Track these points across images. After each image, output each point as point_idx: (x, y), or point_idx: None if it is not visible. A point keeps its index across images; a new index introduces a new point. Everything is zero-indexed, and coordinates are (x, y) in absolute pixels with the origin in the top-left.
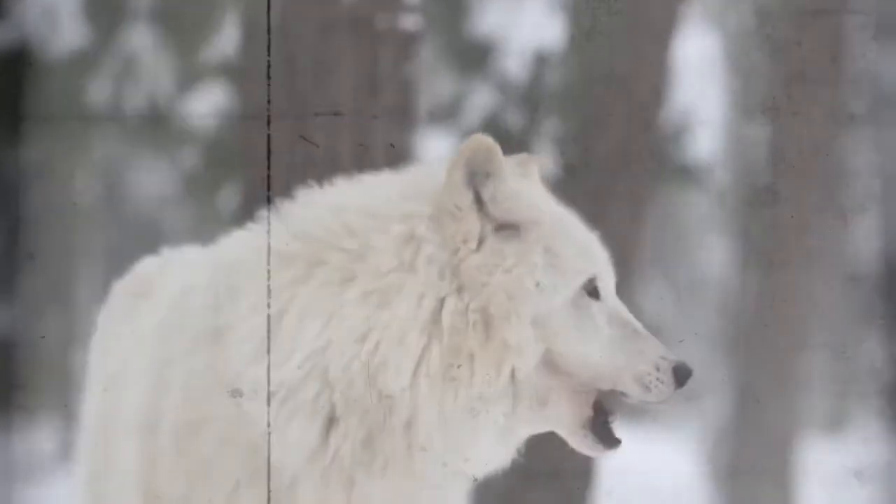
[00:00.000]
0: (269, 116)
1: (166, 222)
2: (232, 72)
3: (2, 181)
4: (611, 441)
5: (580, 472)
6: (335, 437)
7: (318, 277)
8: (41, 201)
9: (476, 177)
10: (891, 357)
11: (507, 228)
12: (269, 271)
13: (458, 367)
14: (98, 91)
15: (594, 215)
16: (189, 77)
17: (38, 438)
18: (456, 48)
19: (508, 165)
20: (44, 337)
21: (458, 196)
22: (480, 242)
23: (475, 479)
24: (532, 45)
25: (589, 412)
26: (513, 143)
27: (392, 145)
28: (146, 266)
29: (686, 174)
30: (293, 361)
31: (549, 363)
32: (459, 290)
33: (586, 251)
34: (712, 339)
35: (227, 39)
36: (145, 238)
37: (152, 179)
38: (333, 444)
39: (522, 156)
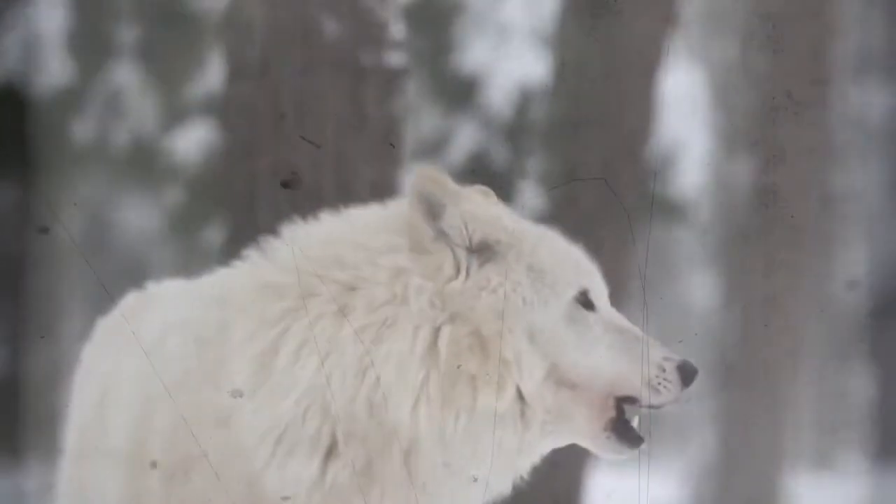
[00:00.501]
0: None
1: (152, 257)
2: (216, 109)
3: None
4: (635, 440)
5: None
6: (334, 467)
7: (312, 310)
8: (26, 235)
9: (434, 209)
10: (877, 393)
11: (485, 251)
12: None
13: (458, 389)
14: (83, 128)
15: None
16: (174, 114)
17: (22, 475)
18: (441, 84)
19: (468, 192)
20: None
21: (422, 233)
22: (458, 269)
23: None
24: (517, 81)
25: (611, 413)
26: (498, 177)
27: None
28: (130, 301)
29: (671, 209)
30: (291, 398)
31: (558, 378)
32: (452, 318)
33: (573, 264)
34: (700, 375)
35: (211, 77)
36: (131, 272)
37: (137, 215)
38: (332, 473)
39: (479, 186)
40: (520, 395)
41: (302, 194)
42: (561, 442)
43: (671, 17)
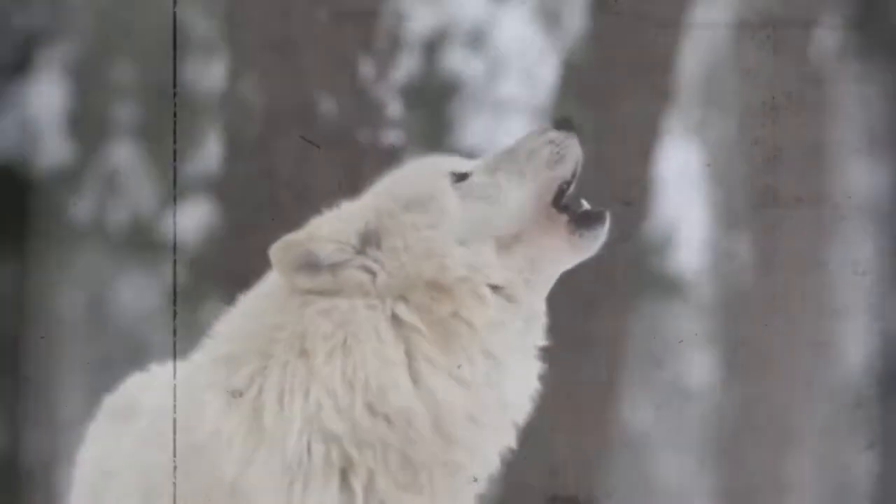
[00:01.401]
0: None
1: (151, 336)
2: (214, 187)
3: None
4: (595, 217)
5: None
6: (357, 479)
7: (276, 362)
8: (25, 314)
9: (307, 263)
10: (881, 471)
11: (370, 237)
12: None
13: (451, 333)
14: (81, 206)
15: (577, 327)
16: (172, 192)
17: None
18: None
19: (310, 227)
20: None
21: (321, 282)
22: (369, 270)
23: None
24: None
25: (564, 218)
26: None
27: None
28: (133, 382)
29: (669, 286)
30: (291, 440)
31: (505, 241)
32: (398, 296)
33: (427, 167)
34: (697, 451)
35: (209, 154)
36: (130, 352)
37: (136, 294)
38: (359, 485)
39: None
40: (498, 288)
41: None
42: (555, 271)
43: (668, 94)
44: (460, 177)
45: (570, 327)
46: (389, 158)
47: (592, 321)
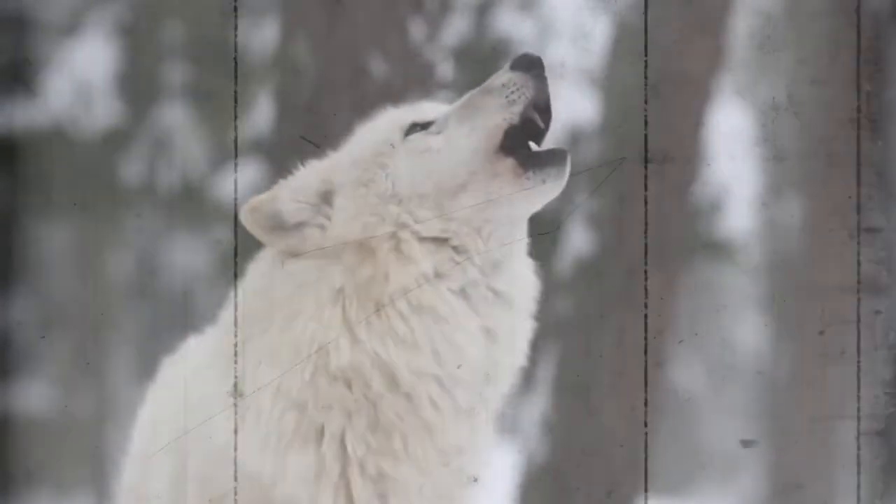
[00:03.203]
0: None
1: (201, 300)
2: (266, 148)
3: (35, 259)
4: (546, 156)
5: None
6: (329, 445)
7: (257, 327)
8: (75, 279)
9: (274, 220)
10: None
11: (327, 196)
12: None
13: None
14: (131, 169)
15: (628, 291)
16: (223, 154)
17: None
18: None
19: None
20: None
21: (287, 243)
22: (322, 226)
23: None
24: (566, 123)
25: (510, 160)
26: (546, 218)
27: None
28: (188, 345)
29: (720, 250)
30: (265, 409)
31: (447, 194)
32: (337, 253)
33: (387, 121)
34: (748, 416)
35: (260, 116)
36: (180, 317)
37: (186, 257)
38: (330, 451)
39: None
40: (441, 240)
41: None
42: (514, 216)
43: (720, 56)
44: (421, 127)
45: (620, 292)
46: None
47: (640, 286)
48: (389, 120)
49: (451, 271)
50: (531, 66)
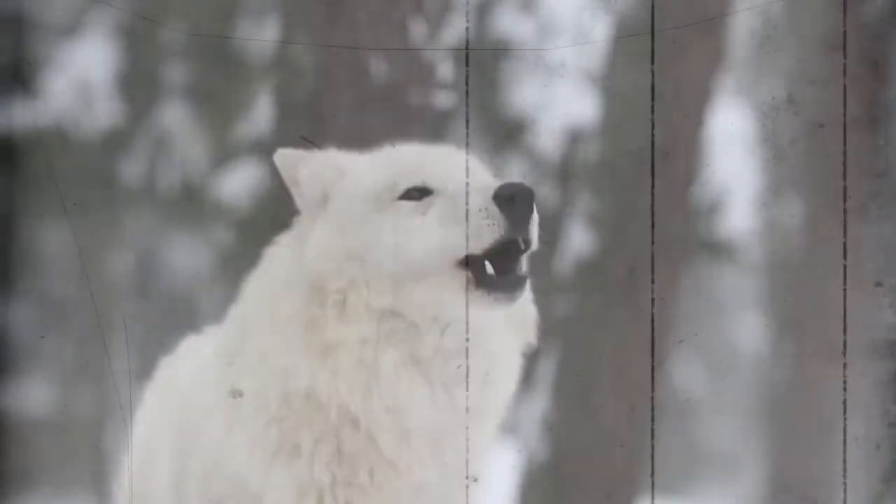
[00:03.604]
0: None
1: (200, 300)
2: (266, 148)
3: (35, 259)
4: (501, 283)
5: None
6: (307, 467)
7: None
8: (75, 279)
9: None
10: None
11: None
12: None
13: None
14: (131, 169)
15: (628, 291)
16: (223, 154)
17: None
18: (489, 124)
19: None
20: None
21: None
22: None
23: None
24: (566, 122)
25: (460, 274)
26: (547, 217)
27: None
28: (187, 344)
29: (720, 250)
30: (250, 419)
31: (398, 274)
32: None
33: (396, 170)
34: (747, 416)
35: (260, 116)
36: (180, 317)
37: (186, 257)
38: (307, 471)
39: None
40: (399, 313)
41: None
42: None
43: (720, 56)
44: (418, 193)
45: (620, 292)
46: (440, 120)
47: (643, 286)
48: (398, 170)
49: (401, 339)
50: (511, 199)
